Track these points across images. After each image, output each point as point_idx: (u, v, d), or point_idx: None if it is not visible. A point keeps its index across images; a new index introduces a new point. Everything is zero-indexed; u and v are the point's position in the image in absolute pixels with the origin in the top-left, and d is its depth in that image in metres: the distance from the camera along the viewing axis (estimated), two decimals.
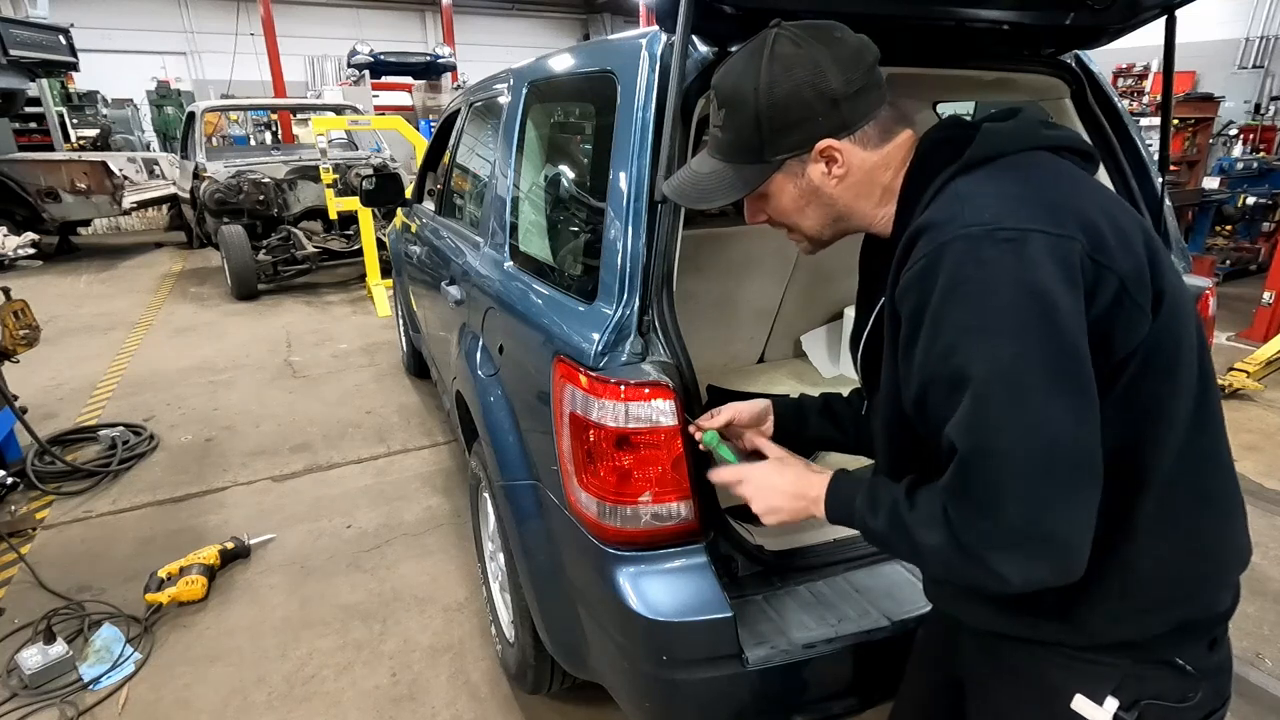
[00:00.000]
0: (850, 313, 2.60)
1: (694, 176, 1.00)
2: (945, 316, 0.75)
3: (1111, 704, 0.83)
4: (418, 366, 4.28)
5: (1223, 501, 0.85)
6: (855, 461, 1.31)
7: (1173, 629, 0.83)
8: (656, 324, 1.30)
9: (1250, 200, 6.76)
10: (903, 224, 0.85)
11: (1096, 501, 0.73)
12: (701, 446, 1.22)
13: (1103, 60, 1.73)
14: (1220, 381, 3.30)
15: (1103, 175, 1.66)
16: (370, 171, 5.45)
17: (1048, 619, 0.85)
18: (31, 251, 5.59)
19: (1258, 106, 9.76)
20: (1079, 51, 1.68)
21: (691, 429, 1.25)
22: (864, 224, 0.95)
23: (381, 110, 9.82)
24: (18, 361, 3.17)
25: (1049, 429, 0.71)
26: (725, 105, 0.93)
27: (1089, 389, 0.72)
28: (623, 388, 1.26)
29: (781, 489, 1.04)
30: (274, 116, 13.27)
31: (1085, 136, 1.71)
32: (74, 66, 7.05)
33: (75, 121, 10.85)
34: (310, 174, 6.88)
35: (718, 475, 1.15)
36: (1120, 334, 0.75)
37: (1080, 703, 0.85)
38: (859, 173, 0.90)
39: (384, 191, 3.72)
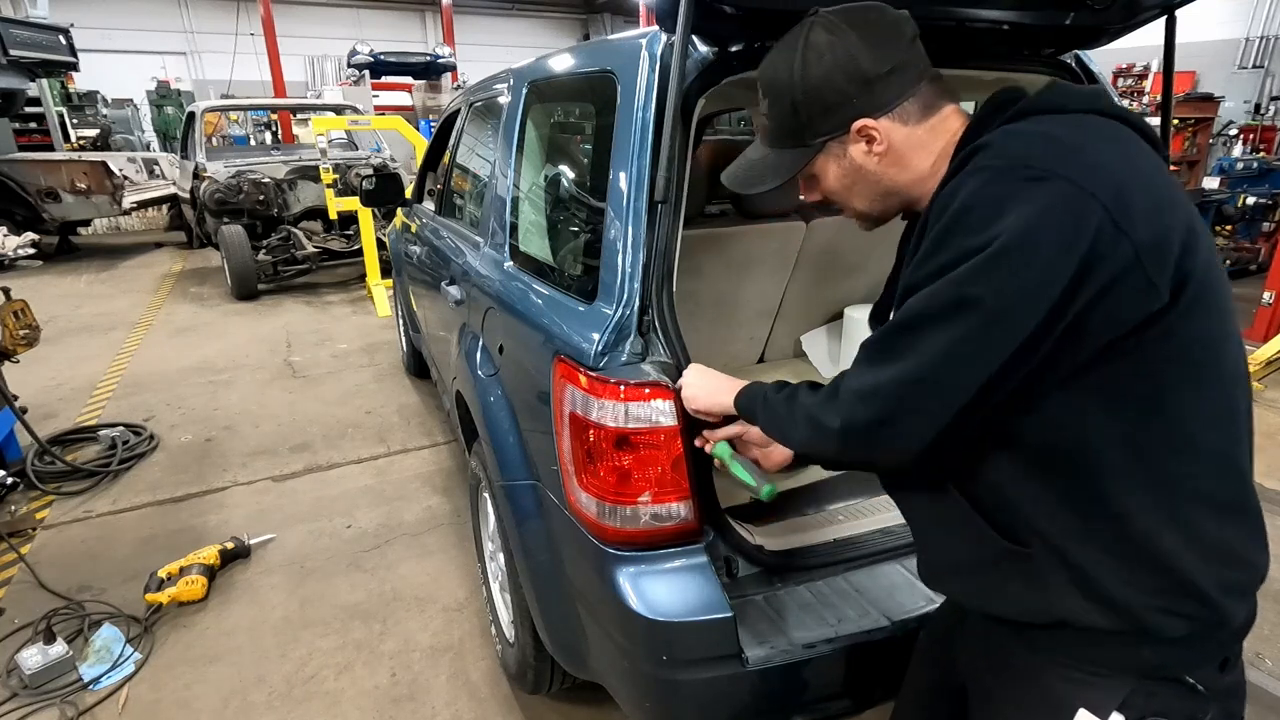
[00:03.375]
0: (850, 313, 2.60)
1: (746, 163, 1.04)
2: (948, 236, 0.77)
3: (1117, 719, 0.82)
4: (418, 366, 4.27)
5: (1233, 506, 0.81)
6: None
7: (1182, 638, 0.80)
8: (656, 324, 1.30)
9: (1250, 200, 6.75)
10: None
11: (936, 428, 0.79)
12: (716, 463, 1.22)
13: (1103, 60, 1.73)
14: None
15: None
16: (370, 171, 5.45)
17: (1050, 589, 0.83)
18: (31, 251, 5.59)
19: (1258, 106, 9.76)
20: (1079, 51, 1.68)
21: (699, 441, 1.25)
22: (914, 198, 0.95)
23: (381, 110, 9.82)
24: (18, 361, 3.17)
25: (948, 362, 0.77)
26: (767, 94, 0.96)
27: (1015, 338, 0.74)
28: (622, 388, 1.26)
29: (709, 383, 1.19)
30: (274, 116, 13.26)
31: None
32: (74, 66, 7.05)
33: (75, 121, 10.84)
34: (310, 174, 6.88)
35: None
36: (1123, 301, 0.73)
37: (1083, 717, 0.83)
38: (901, 148, 0.91)
39: (384, 191, 3.72)
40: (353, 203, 6.00)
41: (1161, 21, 1.48)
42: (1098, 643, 0.83)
